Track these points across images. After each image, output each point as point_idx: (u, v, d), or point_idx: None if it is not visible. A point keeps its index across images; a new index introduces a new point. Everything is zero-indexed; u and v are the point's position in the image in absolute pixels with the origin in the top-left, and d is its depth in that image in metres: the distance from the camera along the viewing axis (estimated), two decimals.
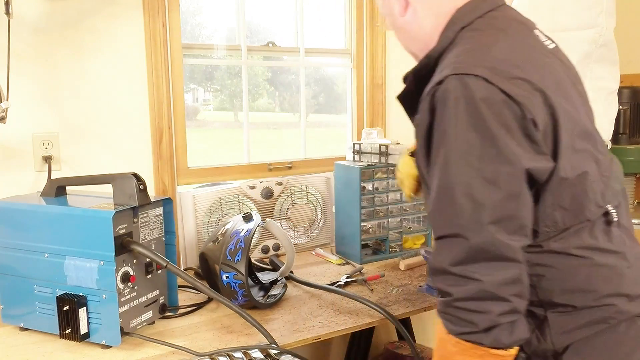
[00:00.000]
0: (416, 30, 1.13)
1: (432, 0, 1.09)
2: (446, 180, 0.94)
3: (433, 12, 1.09)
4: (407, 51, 1.21)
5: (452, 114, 0.93)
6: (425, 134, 1.00)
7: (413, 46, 1.17)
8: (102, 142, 1.85)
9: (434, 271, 0.96)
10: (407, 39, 1.17)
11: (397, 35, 1.20)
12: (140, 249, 1.35)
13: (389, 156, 2.02)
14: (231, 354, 1.26)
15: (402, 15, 1.13)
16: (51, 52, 1.74)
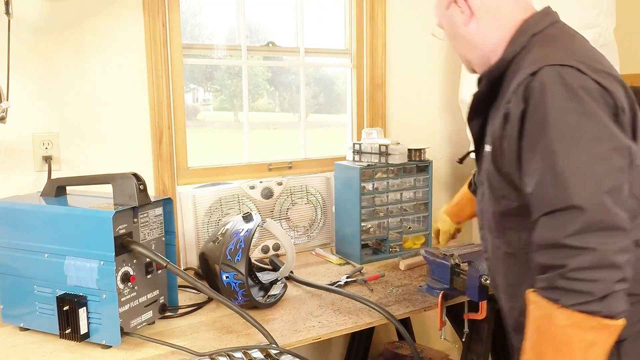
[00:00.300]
0: (478, 40, 1.21)
1: (497, 13, 1.18)
2: (556, 159, 0.99)
3: (497, 25, 1.19)
4: (462, 58, 1.31)
5: (553, 101, 1.00)
6: (518, 122, 1.05)
7: (471, 54, 1.26)
8: (102, 142, 1.85)
9: (542, 247, 0.98)
10: (466, 48, 1.25)
11: (454, 43, 1.28)
12: (140, 249, 1.35)
13: (389, 156, 2.02)
14: (231, 354, 1.26)
15: (465, 25, 1.21)
16: (51, 52, 1.75)
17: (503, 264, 1.22)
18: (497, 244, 1.22)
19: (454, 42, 1.28)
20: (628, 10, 2.60)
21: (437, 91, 2.56)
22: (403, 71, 2.45)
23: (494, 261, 1.26)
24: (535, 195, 1.02)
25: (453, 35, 1.26)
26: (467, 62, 1.31)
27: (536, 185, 1.01)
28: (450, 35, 1.28)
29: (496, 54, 1.19)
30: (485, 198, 1.24)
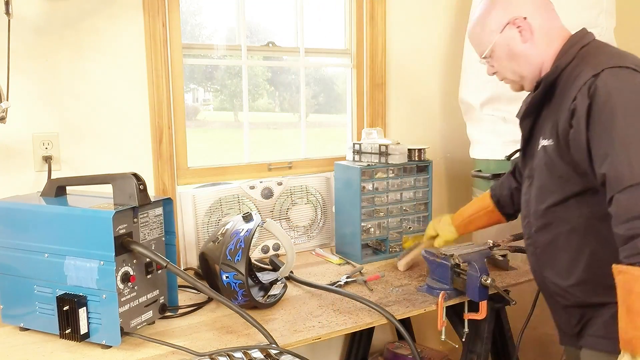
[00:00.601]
0: (534, 56, 1.38)
1: (549, 31, 1.38)
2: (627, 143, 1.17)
3: (548, 40, 1.38)
4: (514, 75, 1.44)
5: (617, 96, 1.19)
6: (585, 115, 1.22)
7: (526, 69, 1.41)
8: (102, 142, 1.85)
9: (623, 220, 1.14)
10: (522, 65, 1.40)
11: (508, 63, 1.42)
12: (140, 249, 1.35)
13: (389, 156, 2.02)
14: (231, 354, 1.26)
15: (524, 43, 1.38)
16: (51, 52, 1.75)
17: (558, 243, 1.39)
18: (555, 225, 1.39)
19: (508, 62, 1.41)
20: (628, 10, 2.60)
21: (437, 91, 2.56)
22: (403, 71, 2.45)
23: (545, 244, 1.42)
24: (609, 174, 1.18)
25: (509, 55, 1.40)
26: (518, 79, 1.44)
27: (610, 166, 1.18)
28: (504, 57, 1.41)
29: (546, 67, 1.38)
30: (535, 188, 1.43)
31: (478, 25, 1.44)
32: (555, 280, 1.42)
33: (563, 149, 1.31)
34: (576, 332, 1.42)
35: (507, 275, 1.85)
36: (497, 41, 1.40)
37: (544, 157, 1.37)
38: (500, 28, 1.39)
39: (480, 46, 1.44)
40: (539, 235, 1.44)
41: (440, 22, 2.52)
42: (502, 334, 1.88)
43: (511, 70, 1.42)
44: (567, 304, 1.42)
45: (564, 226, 1.37)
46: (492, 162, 2.29)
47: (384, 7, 2.34)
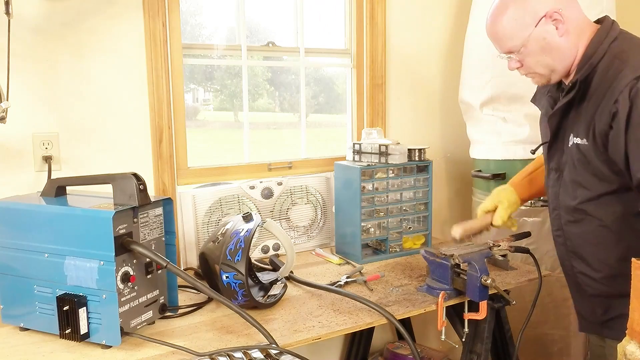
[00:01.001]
0: (568, 49, 1.38)
1: (580, 23, 1.38)
2: None
3: (579, 31, 1.38)
4: (545, 69, 1.41)
5: None
6: (625, 118, 1.25)
7: (559, 63, 1.40)
8: (102, 142, 1.85)
9: None
10: (557, 58, 1.39)
11: (542, 58, 1.39)
12: (140, 249, 1.35)
13: (389, 156, 2.02)
14: (231, 354, 1.26)
15: (561, 36, 1.36)
16: (51, 52, 1.75)
17: (590, 237, 1.44)
18: (587, 220, 1.43)
19: (541, 56, 1.39)
20: (628, 10, 2.60)
21: (437, 91, 2.56)
22: (403, 71, 2.45)
23: (575, 236, 1.47)
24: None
25: (544, 49, 1.38)
26: (548, 73, 1.42)
27: None
28: (537, 51, 1.38)
29: (576, 60, 1.38)
30: (566, 183, 1.46)
31: (508, 18, 1.38)
32: (586, 271, 1.47)
33: (600, 149, 1.33)
34: (602, 321, 1.48)
35: (507, 275, 1.85)
36: (532, 35, 1.36)
37: (577, 155, 1.39)
38: (536, 21, 1.36)
39: (511, 40, 1.39)
40: (570, 228, 1.48)
41: (440, 22, 2.52)
42: (502, 334, 1.88)
43: (543, 64, 1.40)
44: (594, 294, 1.47)
45: (598, 221, 1.41)
46: (492, 162, 2.29)
47: (384, 7, 2.35)
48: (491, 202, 1.70)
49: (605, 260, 1.43)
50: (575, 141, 1.39)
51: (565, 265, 1.56)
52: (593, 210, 1.41)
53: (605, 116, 1.29)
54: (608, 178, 1.35)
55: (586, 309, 1.54)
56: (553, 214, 1.55)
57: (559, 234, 1.54)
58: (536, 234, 2.11)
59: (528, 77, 1.48)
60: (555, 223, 1.54)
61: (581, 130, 1.37)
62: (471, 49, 2.32)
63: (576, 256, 1.50)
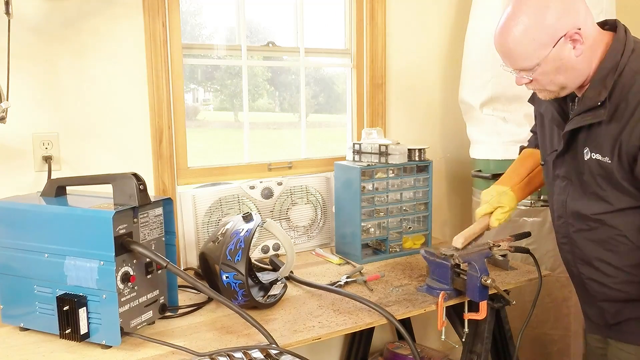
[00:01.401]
0: (583, 67, 1.32)
1: (594, 41, 1.31)
2: None
3: (594, 47, 1.31)
4: (555, 87, 1.35)
5: None
6: None
7: (572, 81, 1.34)
8: (102, 142, 1.85)
9: None
10: (570, 77, 1.33)
11: (556, 77, 1.32)
12: (140, 249, 1.35)
13: (389, 156, 2.02)
14: (231, 354, 1.26)
15: (577, 56, 1.29)
16: (51, 52, 1.75)
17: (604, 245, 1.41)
18: (602, 230, 1.40)
19: (555, 75, 1.32)
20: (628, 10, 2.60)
21: (437, 91, 2.56)
22: (403, 71, 2.45)
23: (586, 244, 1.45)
24: None
25: (558, 69, 1.31)
26: (558, 90, 1.36)
27: None
28: (551, 71, 1.31)
29: (590, 74, 1.33)
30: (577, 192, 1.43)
31: (524, 36, 1.28)
32: (596, 277, 1.46)
33: (625, 169, 1.30)
34: (611, 324, 1.47)
35: (507, 275, 1.85)
36: (548, 56, 1.28)
37: (598, 170, 1.35)
38: (554, 42, 1.27)
39: (526, 60, 1.30)
40: (580, 236, 1.46)
41: (441, 22, 2.52)
42: (502, 334, 1.88)
43: (556, 83, 1.34)
44: (603, 299, 1.46)
45: (615, 231, 1.38)
46: (492, 162, 2.29)
47: (384, 7, 2.35)
48: (491, 206, 1.67)
49: (619, 266, 1.41)
50: (595, 157, 1.35)
51: (572, 270, 1.54)
52: (611, 220, 1.38)
53: (636, 138, 1.26)
54: (632, 194, 1.33)
55: (594, 312, 1.53)
56: (559, 222, 1.51)
57: (565, 241, 1.51)
58: (536, 234, 2.11)
59: (534, 90, 1.43)
60: (562, 230, 1.51)
61: (604, 149, 1.33)
62: (471, 49, 2.32)
63: (585, 263, 1.48)
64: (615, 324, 1.47)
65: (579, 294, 1.58)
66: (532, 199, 2.18)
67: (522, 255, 1.89)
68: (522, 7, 1.28)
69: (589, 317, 1.57)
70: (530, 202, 2.19)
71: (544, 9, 1.26)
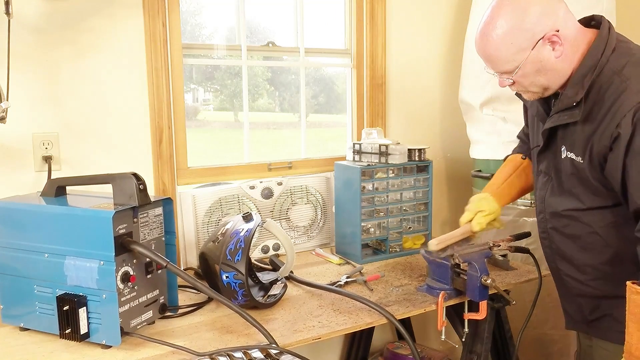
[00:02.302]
0: (564, 68, 1.31)
1: (575, 36, 1.30)
2: None
3: (575, 47, 1.31)
4: (537, 88, 1.36)
5: None
6: (626, 142, 1.23)
7: (553, 82, 1.34)
8: (102, 142, 1.85)
9: None
10: (551, 78, 1.33)
11: (537, 78, 1.33)
12: (140, 249, 1.35)
13: (389, 156, 2.02)
14: (231, 354, 1.26)
15: (557, 57, 1.29)
16: (51, 52, 1.74)
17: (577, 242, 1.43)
18: (575, 226, 1.42)
19: (535, 77, 1.32)
20: (628, 10, 2.60)
21: (437, 91, 2.56)
22: (403, 71, 2.45)
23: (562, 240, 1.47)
24: None
25: (540, 71, 1.31)
26: (541, 91, 1.37)
27: None
28: (531, 73, 1.32)
29: (572, 72, 1.32)
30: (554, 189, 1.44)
31: (501, 42, 1.28)
32: (571, 273, 1.48)
33: (596, 169, 1.31)
34: (588, 320, 1.49)
35: (507, 275, 1.85)
36: (528, 59, 1.28)
37: (572, 169, 1.38)
38: (532, 45, 1.27)
39: (506, 64, 1.31)
40: (555, 232, 1.48)
41: (440, 22, 2.52)
42: (502, 334, 1.88)
43: (537, 84, 1.35)
44: (580, 294, 1.48)
45: (587, 228, 1.40)
46: (492, 162, 2.29)
47: (384, 7, 2.35)
48: (471, 213, 1.66)
49: (592, 264, 1.42)
50: (570, 156, 1.37)
51: (551, 266, 1.57)
52: (583, 218, 1.40)
53: (606, 138, 1.26)
54: (603, 194, 1.34)
55: (572, 307, 1.55)
56: (539, 217, 1.54)
57: (545, 236, 1.54)
58: (536, 234, 2.10)
59: (519, 92, 1.44)
60: (541, 225, 1.54)
61: (577, 148, 1.35)
62: (471, 49, 2.32)
63: (562, 258, 1.50)
64: (593, 320, 1.48)
65: (558, 290, 1.59)
66: (532, 199, 2.18)
67: (522, 255, 1.89)
68: (500, 10, 1.28)
69: (568, 313, 1.58)
70: (530, 202, 2.19)
71: (521, 12, 1.26)
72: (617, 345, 1.39)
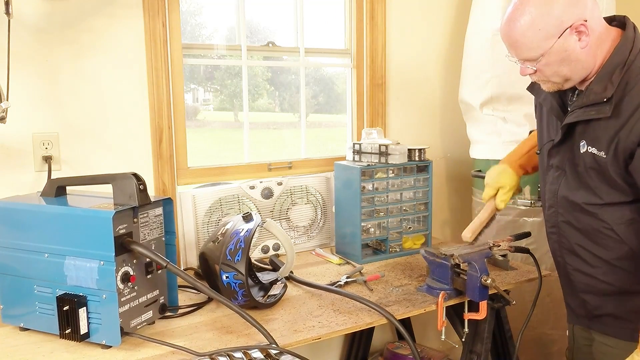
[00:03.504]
0: (589, 60, 1.32)
1: (600, 34, 1.32)
2: None
3: (600, 41, 1.32)
4: (559, 78, 1.36)
5: None
6: None
7: (576, 74, 1.34)
8: (102, 142, 1.85)
9: None
10: (575, 69, 1.33)
11: (560, 68, 1.33)
12: (140, 249, 1.35)
13: (389, 156, 2.02)
14: (231, 354, 1.26)
15: (583, 48, 1.30)
16: (51, 52, 1.75)
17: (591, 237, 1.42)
18: (589, 221, 1.42)
19: (559, 67, 1.32)
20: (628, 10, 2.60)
21: (437, 91, 2.56)
22: (403, 71, 2.45)
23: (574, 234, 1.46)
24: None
25: (563, 60, 1.31)
26: (562, 82, 1.37)
27: None
28: (556, 62, 1.32)
29: (595, 68, 1.33)
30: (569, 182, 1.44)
31: (530, 26, 1.28)
32: (581, 267, 1.47)
33: (620, 165, 1.31)
34: (593, 316, 1.49)
35: (507, 275, 1.85)
36: (554, 47, 1.29)
37: (592, 163, 1.36)
38: (559, 33, 1.27)
39: (531, 51, 1.31)
40: (568, 227, 1.48)
41: (441, 22, 2.52)
42: (502, 334, 1.88)
43: (560, 74, 1.35)
44: (586, 290, 1.48)
45: (601, 224, 1.40)
46: (492, 162, 2.29)
47: (384, 7, 2.35)
48: (492, 189, 1.70)
49: (605, 259, 1.42)
50: (591, 150, 1.36)
51: (558, 261, 1.56)
52: (600, 213, 1.39)
53: (635, 135, 1.26)
54: (623, 189, 1.34)
55: (576, 302, 1.54)
56: (549, 211, 1.53)
57: (554, 230, 1.53)
58: (536, 234, 2.11)
59: (539, 82, 1.43)
60: (551, 220, 1.53)
61: (602, 143, 1.33)
62: (471, 49, 2.32)
63: (571, 253, 1.50)
64: (598, 315, 1.48)
65: (562, 285, 1.59)
66: (532, 199, 2.19)
67: (522, 255, 1.89)
68: (530, 2, 1.29)
69: (571, 308, 1.58)
70: (530, 202, 2.19)
71: (550, 1, 1.27)
72: (619, 340, 1.41)
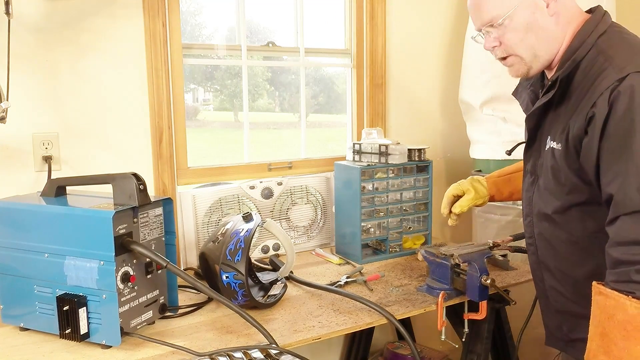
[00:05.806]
0: (556, 33, 1.24)
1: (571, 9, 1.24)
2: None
3: (569, 18, 1.24)
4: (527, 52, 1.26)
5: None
6: (602, 124, 1.12)
7: (543, 47, 1.25)
8: (102, 142, 1.85)
9: (621, 244, 1.08)
10: (542, 40, 1.24)
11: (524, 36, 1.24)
12: (140, 249, 1.35)
13: (389, 156, 2.02)
14: (231, 354, 1.26)
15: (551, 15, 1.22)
16: (51, 52, 1.75)
17: (559, 250, 1.32)
18: (556, 233, 1.31)
19: (525, 34, 1.24)
20: (628, 10, 2.60)
21: (437, 91, 2.56)
22: (403, 71, 2.45)
23: (546, 247, 1.36)
24: (618, 195, 1.09)
25: (529, 27, 1.22)
26: (530, 58, 1.27)
27: (620, 187, 1.08)
28: (521, 28, 1.23)
29: (559, 52, 1.25)
30: (540, 189, 1.33)
31: None
32: (555, 285, 1.38)
33: (572, 156, 1.21)
34: (567, 340, 1.39)
35: (507, 275, 1.85)
36: (519, 6, 1.20)
37: (551, 160, 1.27)
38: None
39: (494, 9, 1.23)
40: (540, 238, 1.38)
41: (441, 22, 2.52)
42: (502, 334, 1.88)
43: (526, 44, 1.24)
44: (561, 310, 1.38)
45: (566, 235, 1.30)
46: (492, 162, 2.29)
47: (384, 7, 2.35)
48: (460, 189, 1.70)
49: (573, 276, 1.31)
50: (552, 145, 1.26)
51: (536, 275, 1.45)
52: (562, 222, 1.29)
53: (581, 120, 1.16)
54: (578, 188, 1.23)
55: (553, 323, 1.43)
56: (526, 220, 1.42)
57: (531, 242, 1.42)
58: None
59: (506, 64, 1.32)
60: (528, 230, 1.42)
61: (557, 134, 1.24)
62: (471, 49, 2.32)
63: (546, 268, 1.39)
64: (572, 340, 1.38)
65: (540, 304, 1.48)
66: None
67: (522, 255, 1.89)
68: None
69: (549, 329, 1.46)
70: None
71: None
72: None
